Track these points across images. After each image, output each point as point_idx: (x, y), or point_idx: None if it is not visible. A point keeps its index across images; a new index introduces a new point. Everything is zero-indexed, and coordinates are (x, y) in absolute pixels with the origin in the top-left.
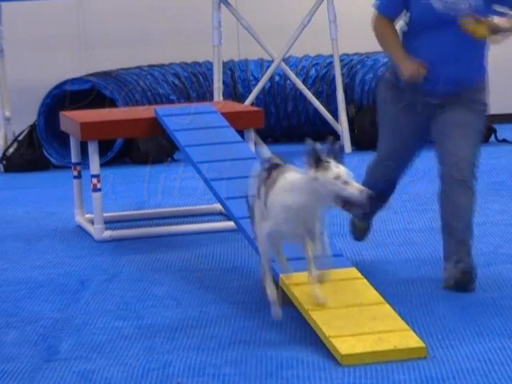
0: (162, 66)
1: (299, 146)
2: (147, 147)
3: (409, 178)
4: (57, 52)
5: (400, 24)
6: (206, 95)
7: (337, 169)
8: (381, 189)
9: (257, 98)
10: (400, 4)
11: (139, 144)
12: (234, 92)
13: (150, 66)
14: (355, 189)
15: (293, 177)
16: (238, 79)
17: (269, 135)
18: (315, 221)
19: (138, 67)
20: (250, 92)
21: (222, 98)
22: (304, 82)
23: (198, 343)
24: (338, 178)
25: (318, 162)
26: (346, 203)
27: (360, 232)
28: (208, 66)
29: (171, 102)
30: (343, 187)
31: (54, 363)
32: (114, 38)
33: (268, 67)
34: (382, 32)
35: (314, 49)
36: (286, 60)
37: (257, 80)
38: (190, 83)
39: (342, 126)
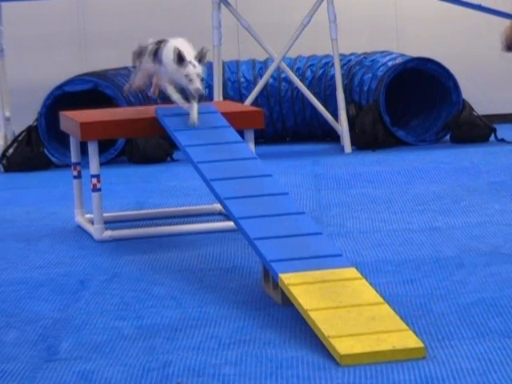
0: None
1: (292, 147)
2: (145, 146)
3: (409, 178)
4: (57, 52)
5: None
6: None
7: (190, 68)
8: None
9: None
10: None
11: (138, 143)
12: (223, 94)
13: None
14: (193, 87)
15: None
16: (227, 81)
17: (260, 136)
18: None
19: (126, 68)
20: (239, 94)
21: (222, 98)
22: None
23: (198, 343)
24: (187, 75)
25: (180, 60)
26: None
27: None
28: None
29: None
30: (187, 83)
31: (54, 363)
32: (114, 39)
33: (261, 68)
34: None
35: (315, 49)
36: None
37: (248, 82)
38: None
39: (342, 126)
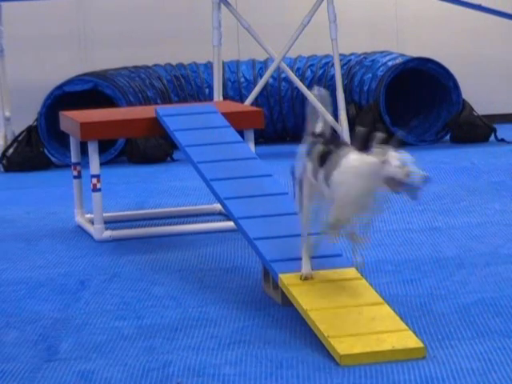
0: (146, 67)
1: (293, 146)
2: (145, 146)
3: None
4: (57, 52)
5: None
6: (186, 98)
7: (402, 156)
8: None
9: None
10: None
11: (138, 143)
12: (223, 94)
13: (136, 68)
14: (416, 175)
15: (358, 161)
16: (227, 81)
17: (260, 136)
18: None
19: (126, 68)
20: (239, 94)
21: (221, 98)
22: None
23: (198, 343)
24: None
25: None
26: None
27: None
28: (193, 68)
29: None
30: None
31: (53, 363)
32: (114, 39)
33: (261, 68)
34: None
35: (315, 49)
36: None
37: (248, 82)
38: (172, 87)
39: (342, 126)
